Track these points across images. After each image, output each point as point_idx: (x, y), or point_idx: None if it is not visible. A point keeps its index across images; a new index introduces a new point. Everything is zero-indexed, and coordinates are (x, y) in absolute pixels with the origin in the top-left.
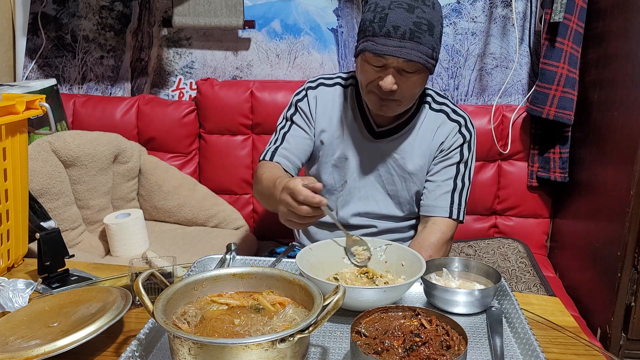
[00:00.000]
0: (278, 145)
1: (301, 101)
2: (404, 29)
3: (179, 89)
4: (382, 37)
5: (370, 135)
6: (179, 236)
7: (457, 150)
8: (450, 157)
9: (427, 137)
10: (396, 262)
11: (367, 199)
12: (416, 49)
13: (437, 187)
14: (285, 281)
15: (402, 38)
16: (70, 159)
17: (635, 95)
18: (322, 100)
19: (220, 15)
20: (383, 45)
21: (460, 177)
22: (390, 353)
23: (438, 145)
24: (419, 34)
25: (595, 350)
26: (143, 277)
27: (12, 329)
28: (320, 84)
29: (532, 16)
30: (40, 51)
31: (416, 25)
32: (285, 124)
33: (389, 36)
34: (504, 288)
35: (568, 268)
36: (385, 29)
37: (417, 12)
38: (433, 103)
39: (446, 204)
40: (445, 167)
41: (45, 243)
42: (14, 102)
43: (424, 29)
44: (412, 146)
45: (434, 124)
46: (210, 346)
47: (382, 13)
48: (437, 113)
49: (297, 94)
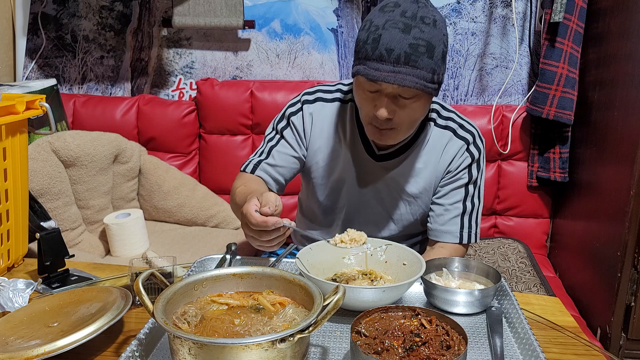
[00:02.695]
0: (262, 158)
1: (295, 115)
2: (398, 52)
3: (179, 89)
4: (374, 61)
5: (371, 157)
6: (179, 236)
7: (465, 171)
8: (459, 179)
9: (434, 157)
10: (396, 262)
11: (368, 224)
12: (412, 73)
13: (445, 211)
14: (285, 281)
15: (396, 62)
16: (71, 159)
17: (635, 95)
18: (319, 117)
19: (220, 15)
20: (375, 70)
21: (469, 198)
22: (390, 353)
23: (446, 166)
24: (416, 57)
25: (595, 350)
26: (143, 277)
27: (12, 329)
28: (318, 98)
29: (532, 16)
30: (41, 51)
31: (412, 48)
32: (274, 136)
33: (382, 60)
34: (503, 288)
35: (568, 268)
36: (378, 52)
37: (414, 32)
38: (439, 119)
39: (456, 229)
40: (453, 189)
41: (45, 243)
42: (14, 102)
43: (422, 51)
44: (417, 168)
45: (440, 142)
46: (210, 346)
47: (375, 33)
48: (443, 130)
49: (291, 104)
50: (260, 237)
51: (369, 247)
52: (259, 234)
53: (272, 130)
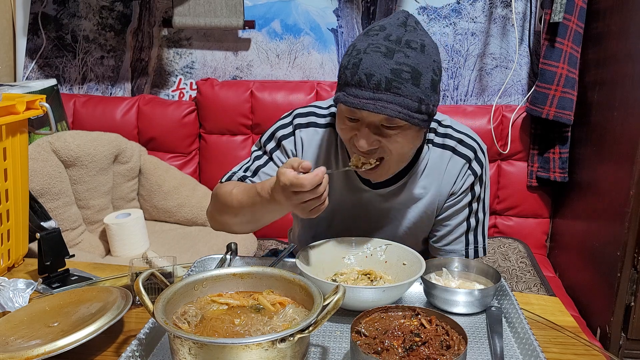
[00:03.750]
0: (248, 175)
1: (286, 139)
2: (378, 77)
3: (179, 89)
4: (353, 87)
5: (367, 186)
6: (179, 236)
7: (468, 190)
8: (462, 199)
9: (435, 180)
10: (396, 262)
11: None
12: (394, 101)
13: (450, 232)
14: (285, 281)
15: (376, 89)
16: (71, 159)
17: (635, 95)
18: (311, 144)
19: (220, 16)
20: (354, 97)
21: (473, 214)
22: (390, 353)
23: (450, 188)
24: (398, 84)
25: (595, 350)
26: (143, 277)
27: (12, 328)
28: (311, 123)
29: (532, 16)
30: (41, 51)
31: (394, 73)
32: (262, 156)
33: (361, 86)
34: (503, 288)
35: (568, 268)
36: (357, 77)
37: (398, 56)
38: (436, 137)
39: (461, 247)
40: (457, 210)
41: (45, 243)
42: (14, 102)
43: (405, 77)
44: (417, 194)
45: (440, 164)
46: (210, 346)
47: (356, 57)
48: (442, 150)
49: (282, 126)
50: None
51: (369, 247)
52: (314, 192)
53: (260, 149)
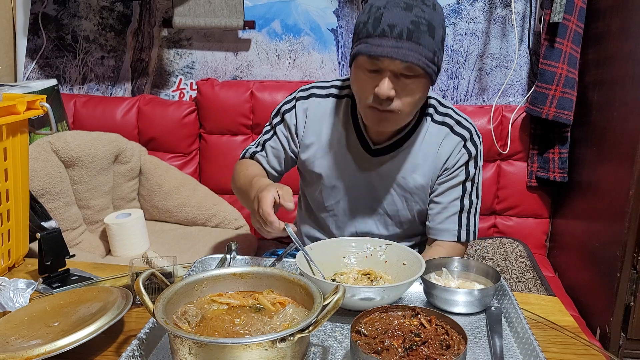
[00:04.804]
0: (258, 150)
1: (288, 112)
2: (400, 27)
3: (179, 89)
4: (376, 38)
5: (367, 153)
6: (179, 236)
7: (462, 168)
8: (456, 176)
9: (431, 152)
10: (396, 262)
11: (365, 221)
12: (415, 49)
13: (444, 209)
14: (285, 281)
15: (398, 37)
16: (71, 159)
17: (635, 95)
18: (313, 113)
19: (220, 16)
20: (378, 46)
21: (467, 196)
22: (390, 352)
23: (442, 163)
24: (418, 34)
25: (595, 350)
26: (143, 277)
27: (12, 328)
28: (311, 94)
29: (532, 16)
30: (41, 51)
31: (414, 25)
32: (269, 130)
33: (384, 36)
34: (503, 288)
35: (567, 268)
36: (380, 28)
37: (416, 10)
38: (436, 114)
39: (454, 227)
40: (450, 187)
41: (46, 243)
42: (15, 103)
43: (423, 29)
44: (413, 163)
45: (436, 137)
46: (210, 346)
47: (377, 13)
48: (440, 126)
49: (286, 101)
50: (264, 227)
51: (369, 247)
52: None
53: (269, 123)
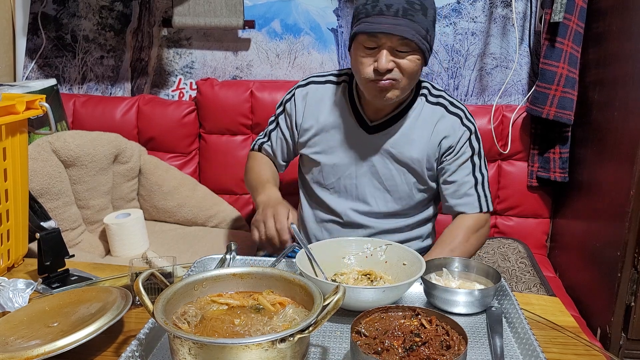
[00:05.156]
0: (264, 140)
1: (289, 101)
2: (397, 6)
3: (179, 89)
4: (374, 16)
5: (364, 130)
6: (179, 236)
7: (467, 145)
8: (463, 153)
9: (426, 130)
10: (396, 262)
11: (365, 197)
12: (410, 26)
13: (460, 186)
14: (285, 281)
15: (395, 15)
16: (71, 159)
17: (635, 95)
18: (311, 97)
19: (220, 15)
20: (376, 23)
21: (477, 169)
22: (390, 353)
23: (440, 140)
24: (412, 12)
25: (595, 350)
26: (143, 277)
27: (12, 329)
28: (310, 82)
29: (532, 16)
30: (41, 51)
31: (409, 4)
32: (274, 120)
33: (382, 14)
34: (504, 288)
35: (568, 268)
36: (378, 7)
37: None
38: (429, 96)
39: (474, 199)
40: (461, 164)
41: (45, 243)
42: (14, 102)
43: (417, 8)
44: (409, 138)
45: (432, 116)
46: (210, 346)
47: None
48: (434, 106)
49: (287, 93)
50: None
51: (369, 247)
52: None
53: (273, 116)
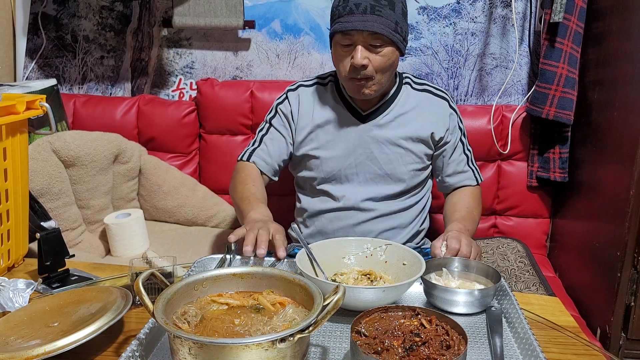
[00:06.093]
0: (256, 147)
1: (281, 104)
2: (364, 5)
3: (179, 89)
4: (346, 16)
5: (358, 120)
6: (179, 236)
7: (457, 126)
8: (455, 135)
9: (417, 112)
10: (396, 262)
11: (367, 183)
12: (378, 21)
13: (457, 164)
14: (285, 281)
15: (363, 12)
16: (71, 159)
17: (635, 95)
18: (304, 97)
19: (220, 16)
20: (347, 22)
21: (466, 147)
22: (390, 353)
23: (433, 122)
24: (380, 8)
25: (595, 350)
26: (143, 277)
27: (12, 328)
28: (299, 85)
29: (532, 16)
30: (41, 51)
31: (376, 1)
32: (264, 126)
33: (352, 13)
34: (503, 288)
35: (568, 268)
36: (347, 7)
37: None
38: (414, 84)
39: (470, 174)
40: (453, 144)
41: (45, 243)
42: (14, 102)
43: (384, 4)
44: (402, 121)
45: (420, 100)
46: (210, 346)
47: None
48: (419, 92)
49: (278, 98)
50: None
51: (369, 247)
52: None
53: (263, 123)
